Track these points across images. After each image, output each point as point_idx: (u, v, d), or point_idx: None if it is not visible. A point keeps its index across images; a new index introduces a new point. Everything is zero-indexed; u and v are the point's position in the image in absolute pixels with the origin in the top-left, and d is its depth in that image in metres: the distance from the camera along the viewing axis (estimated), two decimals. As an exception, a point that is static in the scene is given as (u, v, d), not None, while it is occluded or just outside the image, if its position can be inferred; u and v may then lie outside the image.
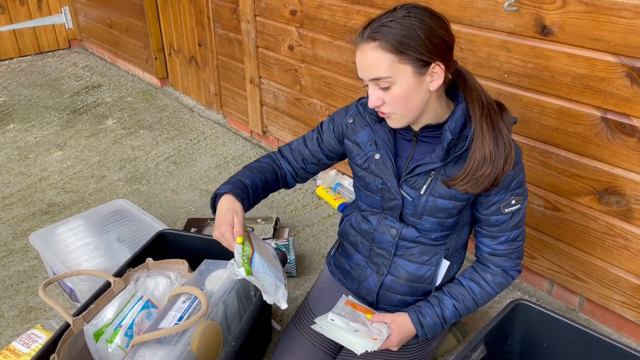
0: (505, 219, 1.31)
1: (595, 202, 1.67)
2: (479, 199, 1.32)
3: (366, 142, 1.37)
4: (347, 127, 1.41)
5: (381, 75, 1.16)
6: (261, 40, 2.79)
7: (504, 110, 1.25)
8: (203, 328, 1.31)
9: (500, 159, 1.19)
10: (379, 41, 1.14)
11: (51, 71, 4.48)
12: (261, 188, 1.45)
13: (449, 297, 1.39)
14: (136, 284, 1.53)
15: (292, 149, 1.53)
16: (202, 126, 3.42)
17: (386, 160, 1.33)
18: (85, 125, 3.50)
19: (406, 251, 1.41)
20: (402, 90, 1.17)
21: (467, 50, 1.83)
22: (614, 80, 1.50)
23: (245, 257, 1.28)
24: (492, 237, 1.35)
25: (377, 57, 1.15)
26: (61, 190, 2.76)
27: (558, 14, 1.56)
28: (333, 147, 1.47)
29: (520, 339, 1.45)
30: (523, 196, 1.31)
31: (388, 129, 1.33)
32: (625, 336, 1.77)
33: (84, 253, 1.91)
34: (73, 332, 1.38)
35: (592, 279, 1.76)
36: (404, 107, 1.20)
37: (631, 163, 1.55)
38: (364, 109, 1.35)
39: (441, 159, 1.25)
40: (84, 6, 4.66)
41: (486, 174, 1.19)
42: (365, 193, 1.41)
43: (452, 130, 1.21)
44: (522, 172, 1.29)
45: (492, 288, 1.39)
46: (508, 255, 1.37)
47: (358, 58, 1.19)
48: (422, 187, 1.30)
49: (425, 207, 1.32)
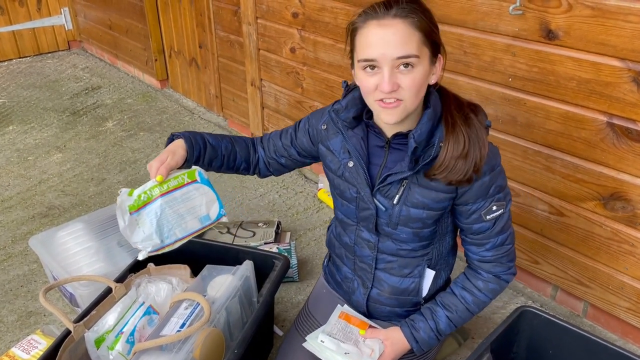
0: (489, 226, 1.28)
1: (601, 208, 1.65)
2: (458, 208, 1.29)
3: (339, 150, 1.34)
4: (321, 132, 1.38)
5: (412, 53, 1.10)
6: (262, 43, 2.78)
7: (478, 111, 1.23)
8: (205, 335, 1.30)
9: (475, 150, 1.17)
10: (410, 19, 1.10)
11: (50, 73, 4.46)
12: (224, 155, 1.43)
13: (441, 308, 1.36)
14: (137, 289, 1.52)
15: (269, 137, 1.51)
16: (203, 128, 3.40)
17: (359, 169, 1.29)
18: (85, 127, 3.49)
19: (387, 265, 1.39)
20: (420, 75, 1.13)
21: (471, 54, 1.82)
22: (620, 85, 1.49)
23: (144, 194, 1.26)
24: (478, 245, 1.32)
25: (409, 34, 1.10)
26: (61, 193, 2.74)
27: (564, 18, 1.55)
28: (306, 147, 1.45)
29: (525, 346, 1.44)
30: (505, 200, 1.27)
31: (361, 137, 1.29)
32: (630, 342, 1.76)
33: (84, 257, 1.90)
34: (74, 339, 1.37)
35: (597, 285, 1.75)
36: (415, 95, 1.14)
37: (637, 169, 1.53)
38: (336, 115, 1.30)
39: (409, 168, 1.21)
40: (84, 7, 4.65)
41: (461, 164, 1.17)
42: (341, 202, 1.39)
43: (417, 139, 1.18)
44: (501, 176, 1.26)
45: (485, 295, 1.35)
46: (497, 261, 1.33)
47: (379, 34, 1.10)
48: (395, 196, 1.27)
49: (399, 217, 1.29)
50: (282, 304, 1.96)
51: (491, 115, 1.83)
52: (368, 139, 1.30)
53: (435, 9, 1.85)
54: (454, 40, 1.85)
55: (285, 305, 1.95)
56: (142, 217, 1.27)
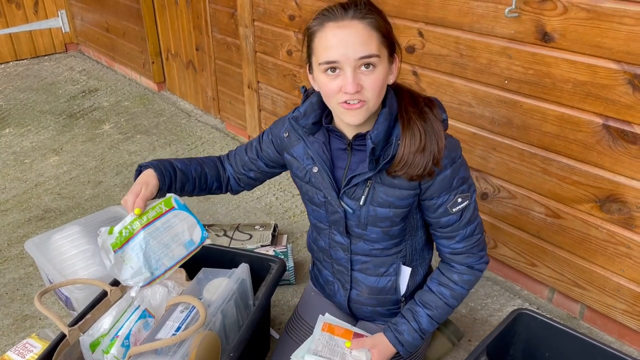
0: (456, 219, 1.29)
1: (597, 210, 1.65)
2: (424, 204, 1.30)
3: (302, 156, 1.34)
4: (284, 140, 1.39)
5: (373, 52, 1.11)
6: (259, 45, 2.78)
7: (433, 105, 1.24)
8: (201, 338, 1.29)
9: (432, 143, 1.18)
10: (369, 19, 1.11)
11: (47, 75, 4.46)
12: (194, 178, 1.42)
13: (421, 307, 1.37)
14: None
15: (235, 154, 1.51)
16: (200, 131, 3.40)
17: (323, 174, 1.30)
18: (82, 130, 3.48)
19: (362, 265, 1.40)
20: (382, 74, 1.14)
21: (467, 56, 1.82)
22: (616, 88, 1.49)
23: (125, 229, 1.24)
24: (448, 238, 1.33)
25: (369, 34, 1.11)
26: (57, 196, 2.73)
27: (559, 20, 1.55)
28: (272, 158, 1.45)
29: (522, 349, 1.44)
30: (469, 192, 1.29)
31: (322, 141, 1.29)
32: (626, 344, 1.76)
33: (80, 261, 1.89)
34: (69, 343, 1.36)
35: (594, 287, 1.75)
36: (378, 95, 1.16)
37: (633, 171, 1.53)
38: (295, 122, 1.30)
39: (370, 168, 1.22)
40: (81, 10, 4.64)
41: (419, 158, 1.18)
42: (312, 207, 1.40)
43: (374, 139, 1.19)
44: (464, 168, 1.27)
45: (462, 287, 1.36)
46: (469, 252, 1.34)
47: (338, 35, 1.11)
48: (362, 197, 1.28)
49: (367, 218, 1.30)
50: (278, 306, 1.96)
51: (487, 118, 1.84)
52: (330, 143, 1.31)
53: (432, 12, 1.87)
54: (450, 43, 1.85)
55: (281, 308, 1.95)
56: (127, 253, 1.25)
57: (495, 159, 1.87)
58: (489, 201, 1.96)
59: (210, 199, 2.65)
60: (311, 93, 1.32)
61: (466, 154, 1.95)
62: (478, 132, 1.89)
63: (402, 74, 2.04)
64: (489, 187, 1.93)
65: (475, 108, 1.86)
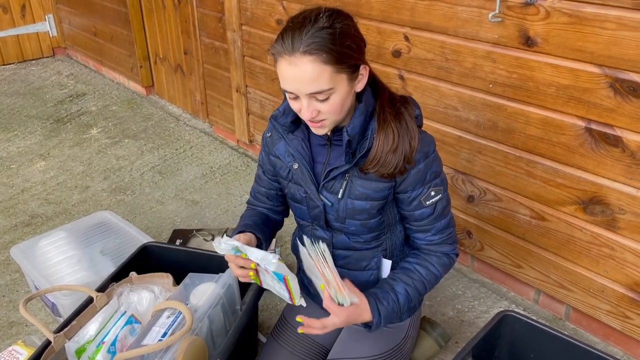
0: (430, 212, 1.32)
1: (581, 212, 1.67)
2: (399, 197, 1.33)
3: (284, 154, 1.37)
4: (268, 141, 1.42)
5: (323, 89, 1.13)
6: (247, 49, 2.78)
7: (408, 104, 1.27)
8: (188, 344, 1.29)
9: (405, 143, 1.22)
10: (317, 55, 1.09)
11: (35, 80, 4.43)
12: (264, 225, 1.46)
13: (399, 282, 1.34)
14: (119, 298, 1.51)
15: (254, 195, 1.55)
16: (188, 135, 3.40)
17: (303, 169, 1.33)
18: (69, 134, 3.46)
19: (344, 260, 1.42)
20: (339, 99, 1.17)
21: (452, 60, 1.83)
22: (598, 91, 1.51)
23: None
24: (424, 231, 1.36)
25: (318, 70, 1.10)
26: (44, 201, 2.71)
27: (542, 25, 1.57)
28: (273, 172, 1.46)
29: (507, 350, 1.45)
30: (442, 186, 1.32)
31: (301, 138, 1.33)
32: (611, 345, 1.78)
33: (67, 267, 1.88)
34: (54, 350, 1.36)
35: (578, 288, 1.77)
36: (337, 114, 1.20)
37: (615, 173, 1.56)
38: (275, 120, 1.34)
39: (346, 161, 1.26)
40: (68, 14, 4.62)
41: (391, 157, 1.22)
42: (294, 205, 1.43)
43: (350, 132, 1.22)
44: (437, 162, 1.31)
45: (437, 269, 1.36)
46: (444, 242, 1.37)
47: (290, 71, 1.12)
48: (340, 190, 1.31)
49: (345, 211, 1.33)
50: (266, 311, 1.96)
51: (472, 121, 1.85)
52: (310, 139, 1.35)
53: (418, 17, 1.88)
54: (436, 47, 1.87)
55: (269, 313, 1.95)
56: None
57: (481, 162, 1.88)
58: (475, 204, 1.97)
59: (198, 203, 2.65)
60: None
61: (452, 157, 1.97)
62: (463, 136, 1.90)
63: (388, 78, 2.05)
64: (475, 189, 1.95)
65: (461, 112, 1.88)
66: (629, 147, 1.50)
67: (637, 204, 1.54)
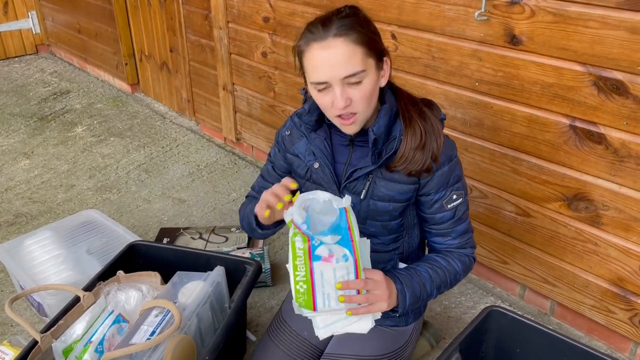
0: (450, 215, 1.33)
1: (565, 208, 1.70)
2: (421, 199, 1.33)
3: (304, 152, 1.37)
4: (285, 139, 1.41)
5: (357, 70, 1.14)
6: (234, 47, 2.77)
7: (432, 106, 1.30)
8: (176, 342, 1.29)
9: (432, 141, 1.24)
10: (349, 35, 1.13)
11: (18, 77, 4.37)
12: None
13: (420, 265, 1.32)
14: (107, 297, 1.50)
15: (257, 190, 1.53)
16: (175, 133, 3.38)
17: (324, 168, 1.33)
18: (54, 132, 3.42)
19: None
20: (370, 85, 1.18)
21: (439, 59, 1.85)
22: (582, 89, 1.53)
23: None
24: (443, 235, 1.37)
25: (350, 51, 1.13)
26: (28, 200, 2.68)
27: (527, 23, 1.58)
28: (287, 169, 1.46)
29: (494, 346, 1.47)
30: (463, 190, 1.34)
31: (324, 137, 1.33)
32: (595, 339, 1.81)
33: (53, 266, 1.86)
34: (41, 350, 1.34)
35: (563, 284, 1.79)
36: (368, 104, 1.20)
37: (599, 170, 1.58)
38: (299, 118, 1.34)
39: (373, 162, 1.26)
40: (52, 11, 4.57)
41: (419, 155, 1.23)
42: None
43: (376, 131, 1.23)
44: (459, 166, 1.33)
45: (458, 265, 1.35)
46: (463, 247, 1.38)
47: (323, 56, 1.14)
48: (362, 191, 1.31)
49: (367, 211, 1.33)
50: (255, 309, 1.96)
51: (459, 119, 1.87)
52: (332, 139, 1.35)
53: (405, 15, 1.89)
54: (422, 46, 1.88)
55: (258, 310, 1.95)
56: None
57: (467, 159, 1.90)
58: (461, 201, 1.99)
59: (185, 202, 2.64)
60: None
61: (439, 155, 1.99)
62: (450, 133, 1.92)
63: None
64: (462, 187, 1.97)
65: (447, 110, 1.89)
66: (612, 144, 1.52)
67: (620, 200, 1.56)
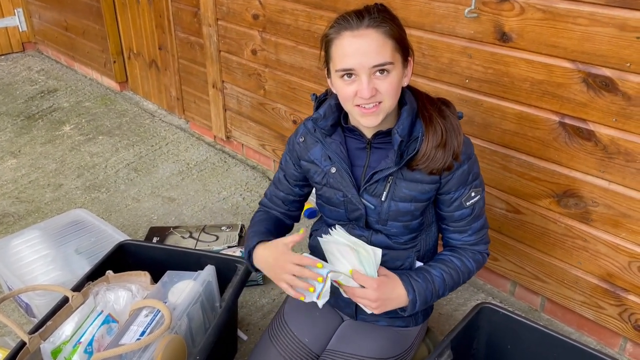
0: (469, 212, 1.35)
1: (555, 205, 1.70)
2: (441, 198, 1.34)
3: (320, 158, 1.37)
4: (300, 146, 1.41)
5: (387, 60, 1.17)
6: (223, 45, 2.75)
7: (449, 104, 1.31)
8: (166, 342, 1.28)
9: (452, 138, 1.25)
10: (382, 27, 1.16)
11: (4, 75, 4.32)
12: (276, 232, 1.45)
13: (434, 267, 1.35)
14: (96, 298, 1.49)
15: (269, 197, 1.54)
16: (164, 131, 3.35)
17: (342, 173, 1.33)
18: (41, 131, 3.39)
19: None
20: (396, 78, 1.20)
21: (429, 56, 1.85)
22: (571, 86, 1.54)
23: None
24: (460, 232, 1.38)
25: (382, 41, 1.16)
26: (15, 200, 2.65)
27: (517, 20, 1.59)
28: (297, 177, 1.46)
29: (485, 342, 1.47)
30: (481, 187, 1.36)
31: (339, 141, 1.33)
32: (585, 334, 1.82)
33: (41, 266, 1.84)
34: (29, 351, 1.33)
35: (553, 280, 1.80)
36: (393, 97, 1.21)
37: (588, 166, 1.59)
38: (314, 124, 1.35)
39: (396, 163, 1.26)
40: (39, 8, 4.51)
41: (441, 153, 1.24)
42: (329, 208, 1.41)
43: (401, 133, 1.24)
44: (477, 165, 1.35)
45: (472, 264, 1.38)
46: (478, 244, 1.40)
47: (354, 44, 1.17)
48: (383, 193, 1.31)
49: (388, 213, 1.33)
50: (246, 307, 1.95)
51: (449, 116, 1.87)
52: (347, 143, 1.35)
53: (395, 12, 1.88)
54: (413, 43, 1.84)
55: (249, 309, 1.94)
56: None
57: (458, 156, 1.90)
58: (452, 198, 1.99)
59: (175, 200, 2.62)
60: (324, 98, 1.37)
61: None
62: (441, 131, 1.92)
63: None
64: (452, 184, 1.97)
65: (438, 107, 1.89)
66: (602, 140, 1.53)
67: (609, 196, 1.57)
